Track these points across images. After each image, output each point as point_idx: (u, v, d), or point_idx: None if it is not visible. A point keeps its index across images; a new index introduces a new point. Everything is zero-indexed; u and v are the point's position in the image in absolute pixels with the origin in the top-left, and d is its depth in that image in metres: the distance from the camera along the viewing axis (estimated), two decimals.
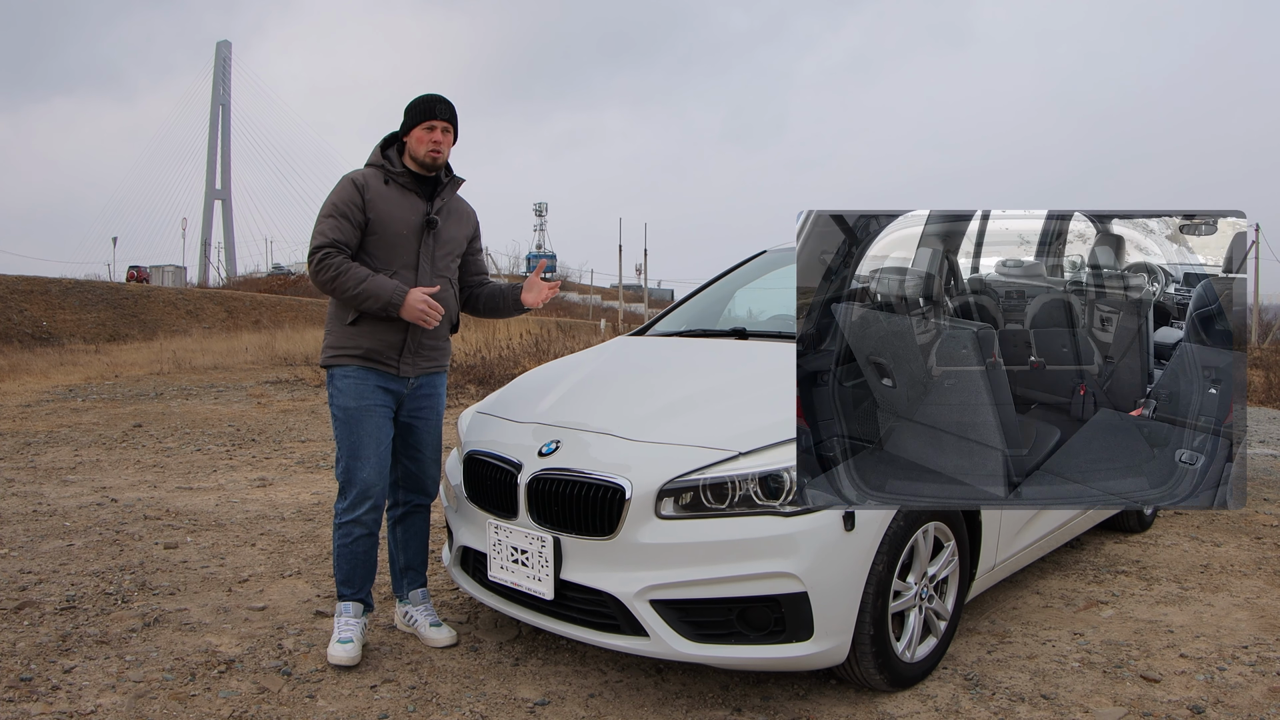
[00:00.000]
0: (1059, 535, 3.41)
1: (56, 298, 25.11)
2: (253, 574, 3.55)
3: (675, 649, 2.22)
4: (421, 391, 2.83)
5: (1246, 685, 2.57)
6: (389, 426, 2.76)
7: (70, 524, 4.26)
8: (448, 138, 2.72)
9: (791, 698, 2.46)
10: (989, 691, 2.51)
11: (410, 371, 2.75)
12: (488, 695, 2.48)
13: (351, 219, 2.64)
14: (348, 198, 2.65)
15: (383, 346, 2.69)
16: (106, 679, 2.56)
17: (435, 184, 2.78)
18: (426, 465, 2.89)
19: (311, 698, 2.47)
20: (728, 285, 3.69)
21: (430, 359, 2.81)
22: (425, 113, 2.69)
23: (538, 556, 2.40)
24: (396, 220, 2.68)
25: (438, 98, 2.72)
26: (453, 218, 2.83)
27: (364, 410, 2.69)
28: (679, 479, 2.25)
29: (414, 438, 2.85)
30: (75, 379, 11.68)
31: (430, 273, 2.75)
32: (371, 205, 2.66)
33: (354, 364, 2.69)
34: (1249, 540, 4.09)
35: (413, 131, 2.70)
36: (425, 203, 2.75)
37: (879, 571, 2.26)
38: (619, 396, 2.76)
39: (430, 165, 2.72)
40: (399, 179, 2.71)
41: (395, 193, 2.71)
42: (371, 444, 2.69)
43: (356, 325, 2.68)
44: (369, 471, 2.69)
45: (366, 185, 2.67)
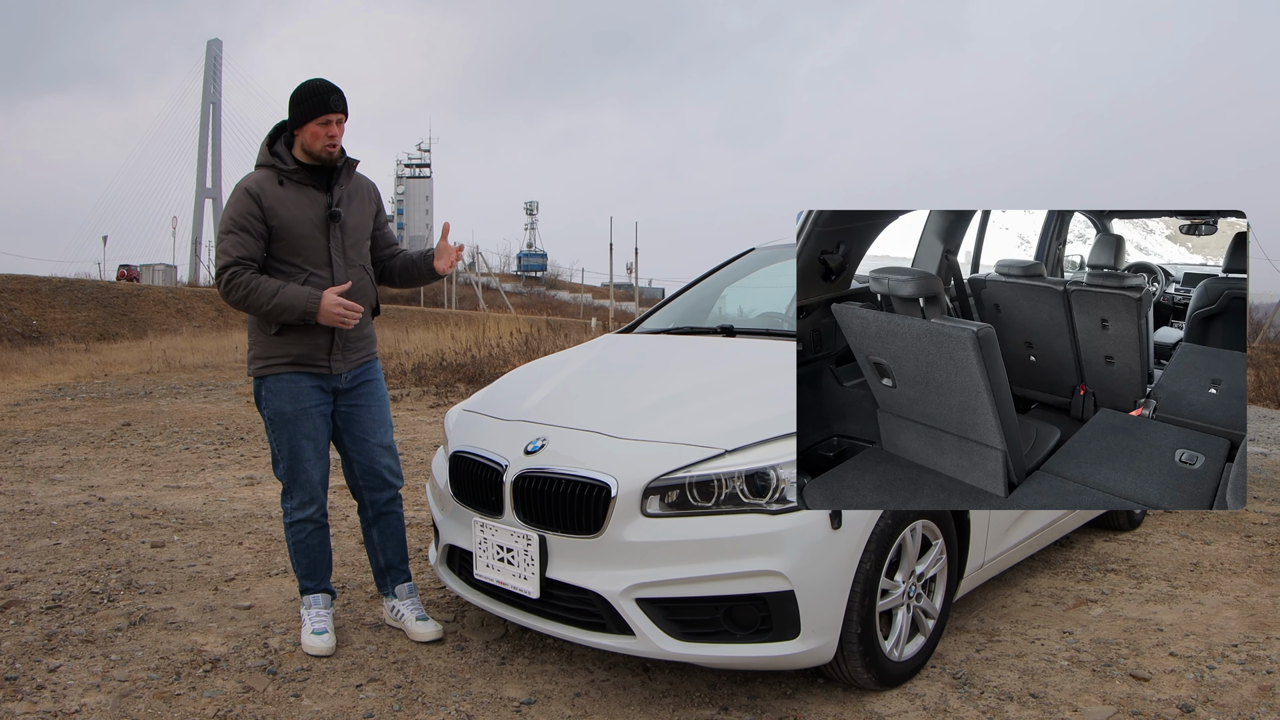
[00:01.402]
0: (1048, 534, 3.41)
1: (46, 296, 24.97)
2: (239, 573, 3.53)
3: (661, 648, 2.21)
4: (357, 382, 2.80)
5: (1236, 684, 2.57)
6: (325, 426, 2.77)
7: (57, 523, 4.23)
8: (342, 128, 2.63)
9: (779, 696, 2.45)
10: (977, 690, 2.50)
11: (342, 368, 2.74)
12: (473, 694, 2.47)
13: (252, 231, 2.56)
14: (244, 210, 2.56)
15: (311, 350, 2.67)
16: (91, 678, 2.54)
17: (331, 172, 2.68)
18: (376, 455, 2.83)
19: (296, 697, 2.46)
20: (716, 282, 3.67)
21: (359, 349, 2.79)
22: (320, 106, 2.56)
23: (523, 555, 2.38)
24: (299, 221, 2.61)
25: (330, 87, 2.60)
26: (354, 201, 2.74)
27: (301, 413, 2.69)
28: (664, 477, 2.23)
29: (357, 429, 2.81)
30: (65, 378, 11.61)
31: (344, 265, 2.70)
32: (271, 212, 2.58)
33: (286, 371, 2.68)
34: (1239, 538, 4.10)
35: (307, 126, 2.58)
36: (324, 194, 2.66)
37: (866, 570, 2.24)
38: (605, 394, 2.75)
39: (328, 160, 2.65)
40: (294, 177, 2.62)
41: (293, 192, 2.62)
42: (310, 445, 2.72)
43: (283, 335, 2.65)
44: (312, 471, 2.74)
45: (262, 192, 2.58)
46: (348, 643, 2.82)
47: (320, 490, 2.77)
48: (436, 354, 11.90)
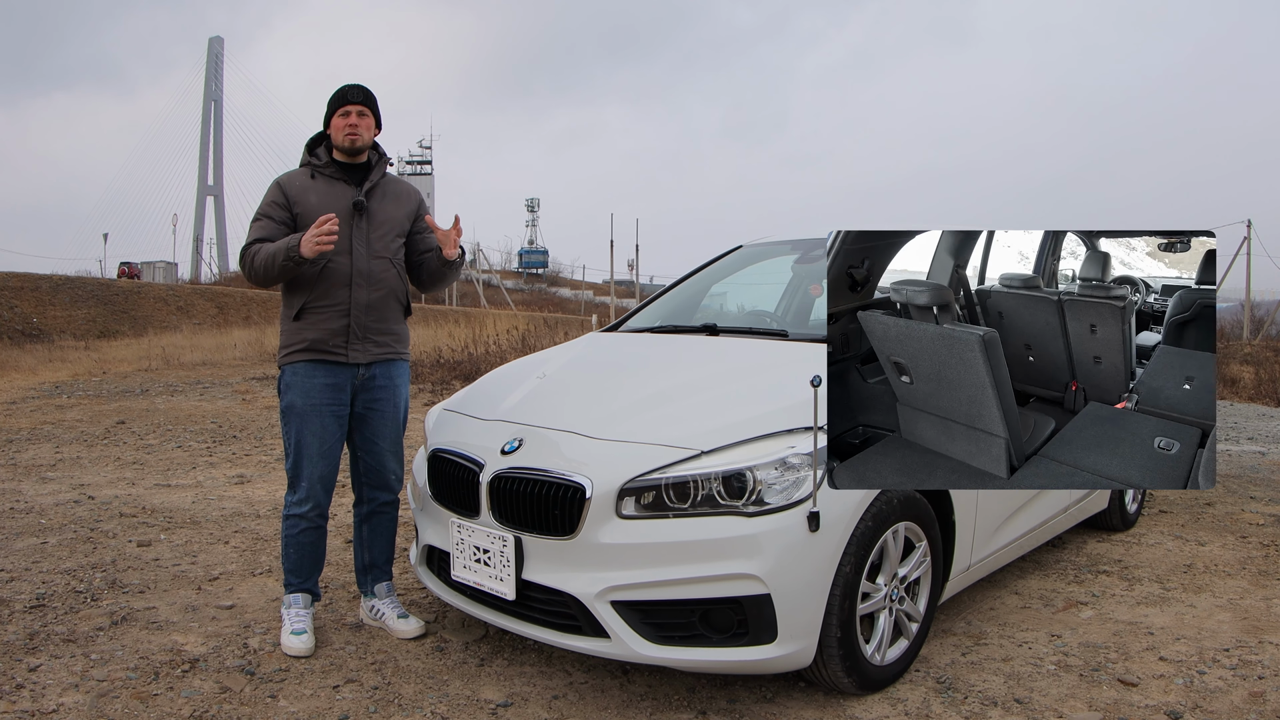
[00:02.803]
0: (1039, 534, 3.37)
1: (47, 294, 24.98)
2: (224, 572, 3.51)
3: (636, 651, 2.18)
4: (376, 382, 2.79)
5: (1226, 689, 2.53)
6: (336, 425, 2.76)
7: (46, 521, 4.22)
8: (365, 120, 2.75)
9: (758, 700, 2.42)
10: (961, 695, 2.46)
11: (360, 358, 2.74)
12: (450, 696, 2.44)
13: (275, 218, 2.71)
14: (271, 199, 2.75)
15: (327, 335, 2.71)
16: (71, 677, 2.53)
17: (365, 170, 2.81)
18: (384, 458, 2.86)
19: (273, 698, 2.44)
20: (704, 280, 3.63)
21: (382, 344, 2.78)
22: (339, 100, 2.76)
23: (500, 556, 2.35)
24: (324, 209, 2.69)
25: (351, 85, 2.79)
26: (388, 198, 2.84)
27: (310, 409, 2.71)
28: (640, 478, 2.20)
29: (369, 429, 2.82)
30: (63, 375, 11.61)
31: (366, 255, 2.75)
32: (296, 201, 2.72)
33: (303, 360, 2.71)
34: (1234, 539, 4.05)
35: (332, 121, 2.77)
36: (354, 188, 2.77)
37: (846, 573, 2.21)
38: (584, 394, 2.71)
39: (351, 149, 2.75)
40: (325, 171, 2.77)
41: (322, 184, 2.76)
42: (316, 443, 2.72)
43: (300, 319, 2.72)
44: (315, 469, 2.73)
45: (290, 183, 2.76)
46: (328, 643, 2.79)
47: (320, 490, 2.75)
48: (434, 351, 11.87)
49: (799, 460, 2.17)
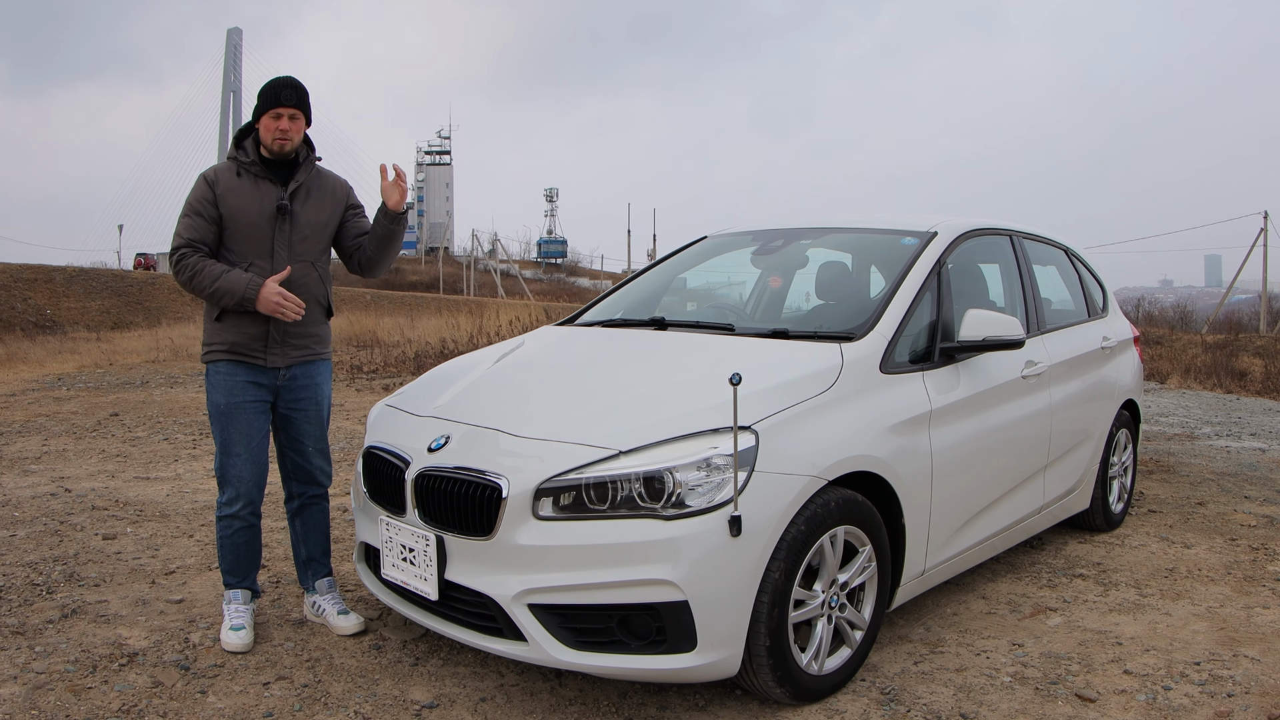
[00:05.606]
0: (1013, 533, 3.25)
1: (61, 285, 25.28)
2: (181, 566, 3.48)
3: (554, 656, 2.10)
4: (297, 383, 2.77)
5: (1191, 708, 2.38)
6: (262, 421, 2.74)
7: (19, 514, 4.22)
8: (296, 124, 2.67)
9: (690, 709, 2.33)
10: (904, 708, 2.35)
11: (279, 362, 2.72)
12: (378, 696, 2.39)
13: (205, 215, 2.64)
14: (199, 195, 2.65)
15: (246, 339, 2.67)
16: (12, 669, 2.52)
17: (291, 167, 2.73)
18: (310, 456, 2.84)
19: (203, 693, 2.40)
20: (667, 271, 3.51)
21: (301, 347, 2.76)
22: (270, 101, 2.63)
23: (423, 555, 2.29)
24: (248, 211, 2.65)
25: (285, 83, 2.65)
26: (313, 199, 2.76)
27: (234, 407, 2.68)
28: (556, 478, 2.12)
29: (294, 429, 2.80)
30: (69, 367, 11.71)
31: (288, 258, 2.70)
32: (222, 200, 2.65)
33: (224, 359, 2.68)
34: (1222, 541, 3.90)
35: (261, 120, 2.66)
36: (279, 188, 2.70)
37: (775, 579, 2.11)
38: (518, 391, 2.63)
39: (279, 153, 2.68)
40: (251, 169, 2.68)
41: (247, 184, 2.68)
42: (242, 440, 2.68)
43: (221, 320, 2.68)
44: (241, 468, 2.70)
45: (217, 180, 2.66)
46: (267, 639, 2.76)
47: (251, 488, 2.72)
48: (439, 343, 11.86)
49: (724, 461, 2.07)
